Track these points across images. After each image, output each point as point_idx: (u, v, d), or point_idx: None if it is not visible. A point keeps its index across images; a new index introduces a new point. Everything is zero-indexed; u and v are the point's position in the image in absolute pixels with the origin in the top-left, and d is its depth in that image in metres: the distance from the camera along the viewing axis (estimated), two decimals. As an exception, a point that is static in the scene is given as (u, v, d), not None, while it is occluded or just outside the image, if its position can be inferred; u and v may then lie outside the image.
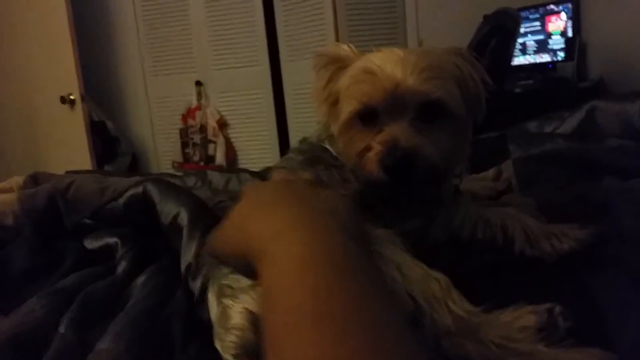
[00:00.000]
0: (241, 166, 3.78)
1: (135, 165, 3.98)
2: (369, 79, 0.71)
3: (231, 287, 0.63)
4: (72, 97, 3.34)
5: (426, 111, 0.70)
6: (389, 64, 0.71)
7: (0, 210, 1.05)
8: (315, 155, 0.80)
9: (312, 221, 0.48)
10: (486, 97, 0.77)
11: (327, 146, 0.81)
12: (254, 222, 0.53)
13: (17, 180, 1.24)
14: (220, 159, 3.79)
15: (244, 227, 0.55)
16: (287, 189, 0.60)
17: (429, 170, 0.70)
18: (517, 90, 2.67)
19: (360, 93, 0.72)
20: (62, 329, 0.70)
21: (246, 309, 0.59)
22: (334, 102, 0.79)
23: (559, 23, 2.90)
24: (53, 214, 1.00)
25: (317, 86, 0.81)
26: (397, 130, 0.69)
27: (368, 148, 0.71)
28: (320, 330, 0.36)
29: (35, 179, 1.22)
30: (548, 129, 1.31)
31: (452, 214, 0.78)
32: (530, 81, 2.78)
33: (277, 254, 0.45)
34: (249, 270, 0.56)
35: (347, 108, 0.73)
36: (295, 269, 0.42)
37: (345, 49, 0.79)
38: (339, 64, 0.78)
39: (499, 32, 1.99)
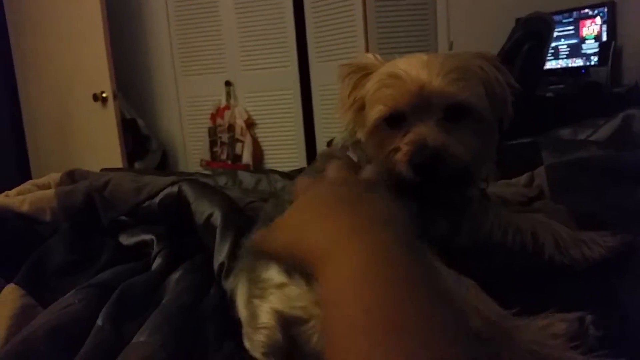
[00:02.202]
0: (267, 165, 3.82)
1: (165, 162, 4.04)
2: (394, 82, 0.72)
3: (260, 288, 0.64)
4: (104, 94, 3.41)
5: (452, 113, 0.70)
6: (414, 68, 0.71)
7: (38, 206, 1.08)
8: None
9: (371, 232, 0.47)
10: (513, 101, 0.77)
11: (350, 154, 0.82)
12: (313, 226, 0.51)
13: (54, 176, 1.28)
14: (247, 158, 3.82)
15: (301, 230, 0.53)
16: (346, 192, 0.57)
17: (457, 169, 0.70)
18: (549, 94, 2.63)
19: (386, 97, 0.72)
20: (99, 322, 0.72)
21: (274, 309, 0.61)
22: (359, 109, 0.79)
23: (593, 27, 2.85)
24: (90, 210, 1.02)
25: (342, 94, 0.81)
26: (425, 131, 0.69)
27: (396, 149, 0.71)
28: (379, 346, 0.36)
29: (71, 176, 1.25)
30: (582, 136, 1.29)
31: (481, 219, 0.78)
32: (562, 85, 2.74)
33: (336, 265, 0.44)
34: (299, 270, 0.57)
35: (374, 113, 0.73)
36: (354, 281, 0.41)
37: (369, 57, 0.80)
38: (363, 72, 0.79)
39: (532, 38, 1.96)
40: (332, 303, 0.42)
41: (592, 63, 2.88)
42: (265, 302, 0.62)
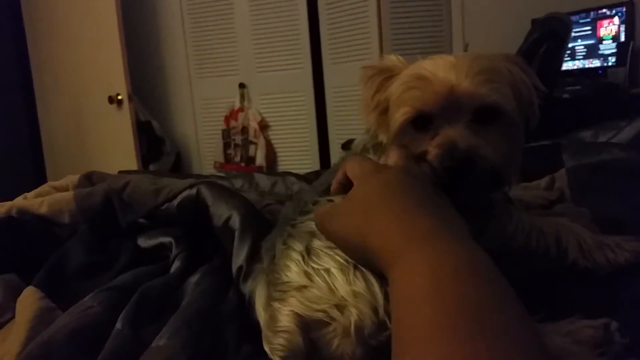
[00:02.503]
0: (281, 168, 3.82)
1: (179, 165, 4.05)
2: (422, 84, 0.70)
3: (280, 290, 0.63)
4: (119, 97, 3.43)
5: (482, 115, 0.68)
6: (441, 69, 0.69)
7: (56, 208, 1.08)
8: None
9: (450, 232, 0.47)
10: (538, 103, 0.75)
11: (371, 156, 0.81)
12: (387, 219, 0.51)
13: (72, 178, 1.28)
14: (260, 160, 3.82)
15: (373, 221, 0.52)
16: (416, 185, 0.57)
17: (488, 172, 0.68)
18: (565, 95, 2.60)
19: (413, 99, 0.70)
20: (119, 325, 0.72)
21: (293, 311, 0.60)
22: (382, 111, 0.78)
23: (611, 27, 2.82)
24: (108, 213, 1.02)
25: (365, 96, 0.80)
26: (454, 133, 0.67)
27: (424, 153, 0.70)
28: (460, 347, 0.35)
29: (89, 178, 1.26)
30: (603, 138, 1.28)
31: (505, 222, 0.76)
32: (578, 87, 2.72)
33: (416, 263, 0.44)
34: (361, 260, 0.57)
35: (400, 115, 0.71)
36: (437, 281, 0.41)
37: (392, 59, 0.78)
38: (387, 74, 0.77)
39: (549, 38, 1.94)
40: (409, 301, 0.41)
41: (610, 64, 2.84)
42: (285, 305, 0.62)
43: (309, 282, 0.61)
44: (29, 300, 0.83)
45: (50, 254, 0.95)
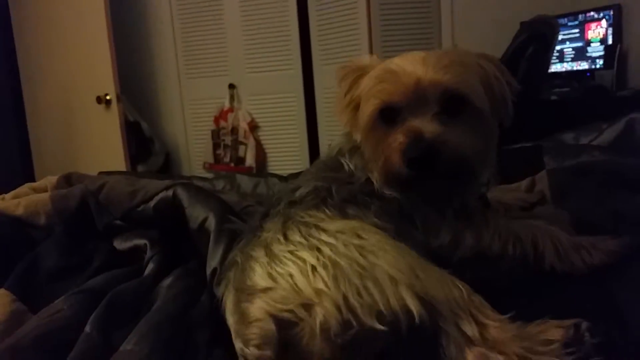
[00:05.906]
0: (270, 168, 3.80)
1: (168, 165, 4.03)
2: (390, 77, 0.71)
3: (247, 294, 0.64)
4: (108, 97, 3.40)
5: (449, 105, 0.69)
6: (410, 63, 0.71)
7: (32, 210, 1.07)
8: (328, 176, 0.78)
9: None
10: (513, 101, 0.75)
11: (346, 161, 0.80)
12: None
13: (50, 180, 1.27)
14: (250, 160, 3.81)
15: None
16: None
17: (455, 163, 0.68)
18: (553, 97, 2.61)
19: (382, 92, 0.72)
20: (87, 329, 0.71)
21: (263, 308, 0.61)
22: (355, 108, 0.78)
23: (599, 30, 2.82)
24: (84, 214, 1.01)
25: (339, 96, 0.81)
26: (419, 124, 0.68)
27: (390, 144, 0.70)
28: None
29: (68, 179, 1.24)
30: (585, 140, 1.28)
31: (482, 232, 0.76)
32: (567, 89, 2.72)
33: None
34: None
35: (369, 108, 0.73)
36: None
37: (366, 58, 0.80)
38: (359, 72, 0.78)
39: (536, 40, 1.95)
40: None
41: (598, 66, 2.85)
42: (254, 303, 0.62)
43: (273, 283, 0.61)
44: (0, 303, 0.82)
45: (24, 256, 0.94)
